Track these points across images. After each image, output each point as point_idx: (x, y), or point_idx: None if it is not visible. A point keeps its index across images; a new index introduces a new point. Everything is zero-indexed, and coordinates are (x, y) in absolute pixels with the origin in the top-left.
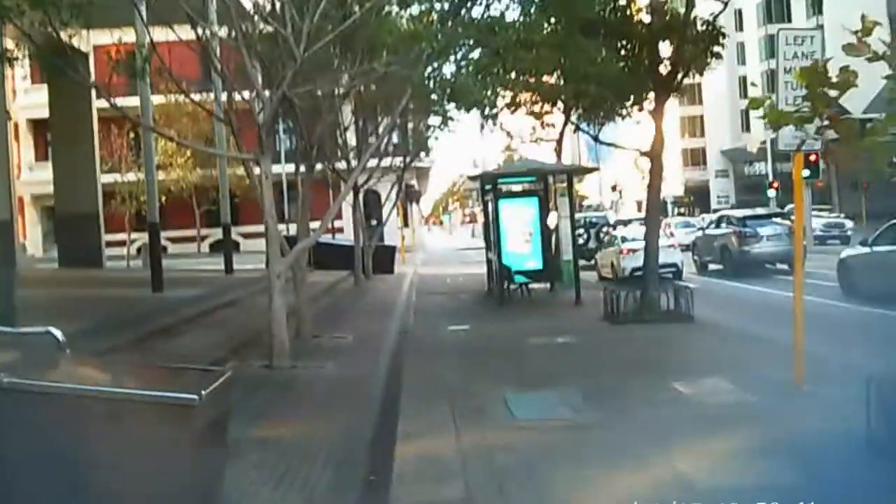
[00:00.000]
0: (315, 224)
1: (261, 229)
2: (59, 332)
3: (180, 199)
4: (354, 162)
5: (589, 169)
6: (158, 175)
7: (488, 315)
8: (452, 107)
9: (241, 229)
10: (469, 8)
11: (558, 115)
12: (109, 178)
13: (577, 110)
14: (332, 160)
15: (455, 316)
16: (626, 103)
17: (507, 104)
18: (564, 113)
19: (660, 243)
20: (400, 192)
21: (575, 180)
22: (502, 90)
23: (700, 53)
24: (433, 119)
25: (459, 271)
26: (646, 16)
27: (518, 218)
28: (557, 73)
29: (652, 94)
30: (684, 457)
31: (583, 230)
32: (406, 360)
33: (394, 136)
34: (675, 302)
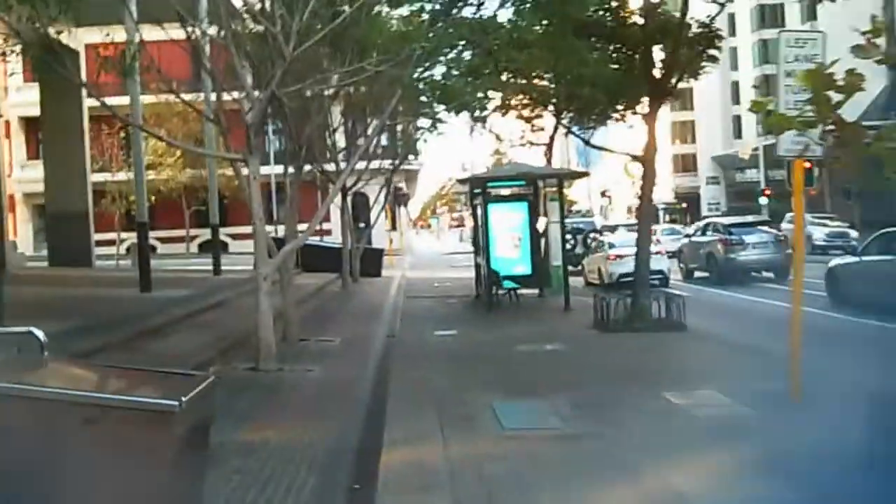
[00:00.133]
0: (303, 226)
1: (249, 230)
2: (40, 333)
3: (170, 200)
4: (343, 164)
5: (579, 173)
6: (148, 175)
7: (476, 320)
8: (442, 109)
9: (230, 230)
10: (460, 8)
11: (548, 119)
12: (100, 177)
13: (568, 113)
14: (321, 162)
15: (443, 321)
16: (619, 106)
17: (498, 106)
18: (555, 115)
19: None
20: (388, 194)
21: (564, 185)
22: (493, 92)
23: (696, 56)
24: (422, 121)
25: (447, 275)
26: (639, 18)
27: (507, 222)
28: (549, 75)
29: (645, 97)
30: (677, 470)
31: (569, 236)
32: (393, 365)
33: (383, 139)
34: (666, 310)
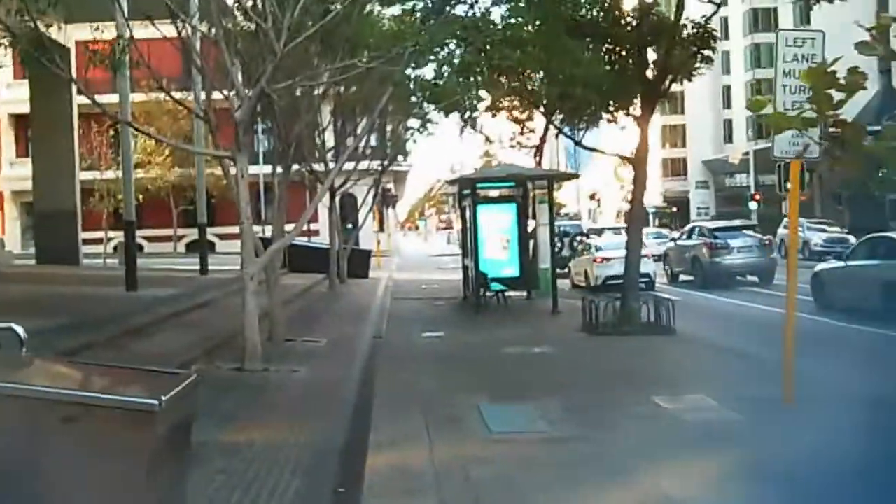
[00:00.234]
0: (291, 226)
1: (237, 230)
2: (20, 329)
3: (158, 199)
4: (332, 164)
5: (569, 175)
6: (137, 173)
7: (464, 322)
8: (432, 108)
9: (218, 230)
10: (453, 5)
11: (539, 121)
12: (88, 175)
13: (560, 114)
14: (310, 161)
15: (430, 322)
16: (612, 107)
17: (488, 107)
18: (546, 116)
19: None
20: (377, 195)
21: (553, 187)
22: (484, 93)
23: (690, 57)
24: (412, 121)
25: (435, 277)
26: (633, 18)
27: (496, 224)
28: (541, 75)
29: (638, 98)
30: (666, 475)
31: (556, 238)
32: (379, 366)
33: (372, 139)
34: (655, 314)
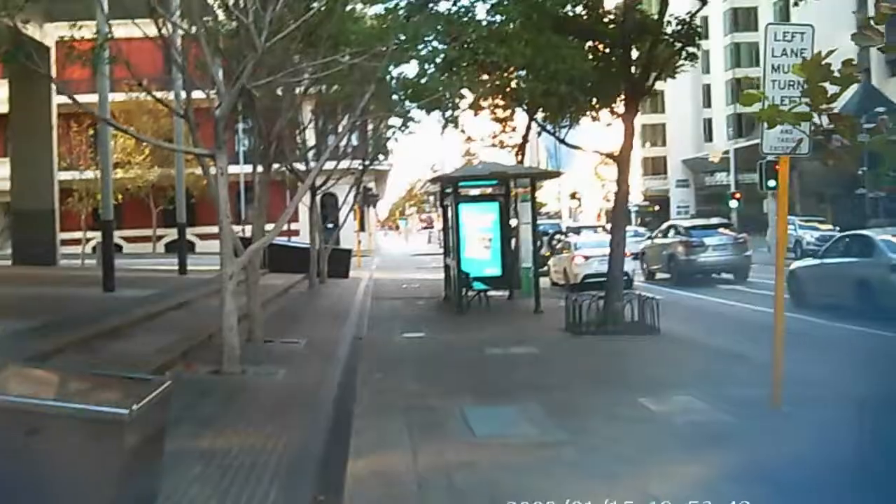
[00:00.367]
0: (271, 226)
1: (217, 230)
2: None
3: (137, 199)
4: (313, 163)
5: (552, 173)
6: (116, 173)
7: (446, 322)
8: (414, 106)
9: (197, 230)
10: (436, 1)
11: (521, 119)
12: (67, 175)
13: (543, 111)
14: (291, 160)
15: (411, 323)
16: (596, 104)
17: (470, 105)
18: (528, 113)
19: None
20: (357, 195)
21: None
22: (467, 90)
23: (674, 54)
24: (394, 120)
25: (415, 277)
26: (617, 15)
27: (478, 223)
28: (525, 72)
29: (622, 95)
30: (657, 480)
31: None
32: (360, 367)
33: (353, 138)
34: (640, 313)
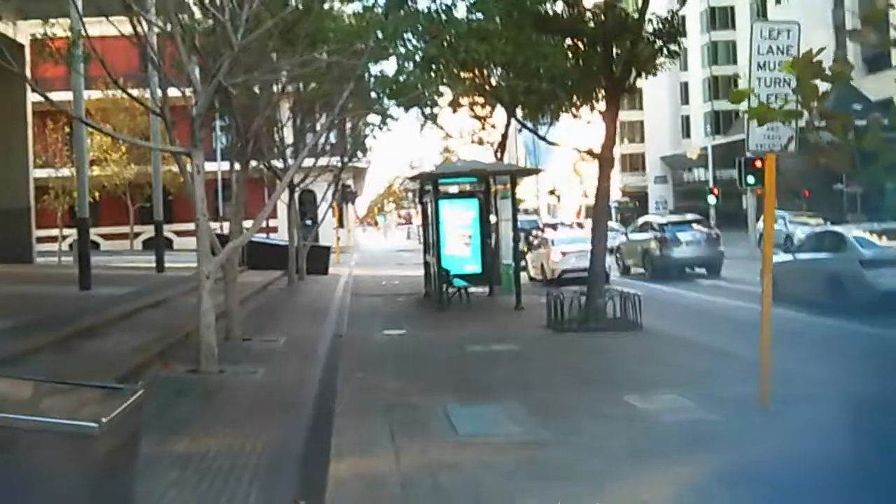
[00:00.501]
0: (249, 223)
1: (194, 227)
2: None
3: (114, 196)
4: (291, 160)
5: (532, 170)
6: (92, 171)
7: (426, 319)
8: (392, 104)
9: (175, 227)
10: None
11: (500, 117)
12: (43, 172)
13: (523, 109)
14: (269, 157)
15: (391, 320)
16: (577, 101)
17: (449, 103)
18: (507, 111)
19: (588, 247)
20: (336, 192)
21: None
22: (445, 88)
23: (655, 52)
24: (372, 117)
25: (395, 273)
26: (597, 13)
27: (458, 220)
28: (505, 69)
29: (603, 93)
30: (645, 481)
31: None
32: (340, 365)
33: (331, 136)
34: (622, 309)
